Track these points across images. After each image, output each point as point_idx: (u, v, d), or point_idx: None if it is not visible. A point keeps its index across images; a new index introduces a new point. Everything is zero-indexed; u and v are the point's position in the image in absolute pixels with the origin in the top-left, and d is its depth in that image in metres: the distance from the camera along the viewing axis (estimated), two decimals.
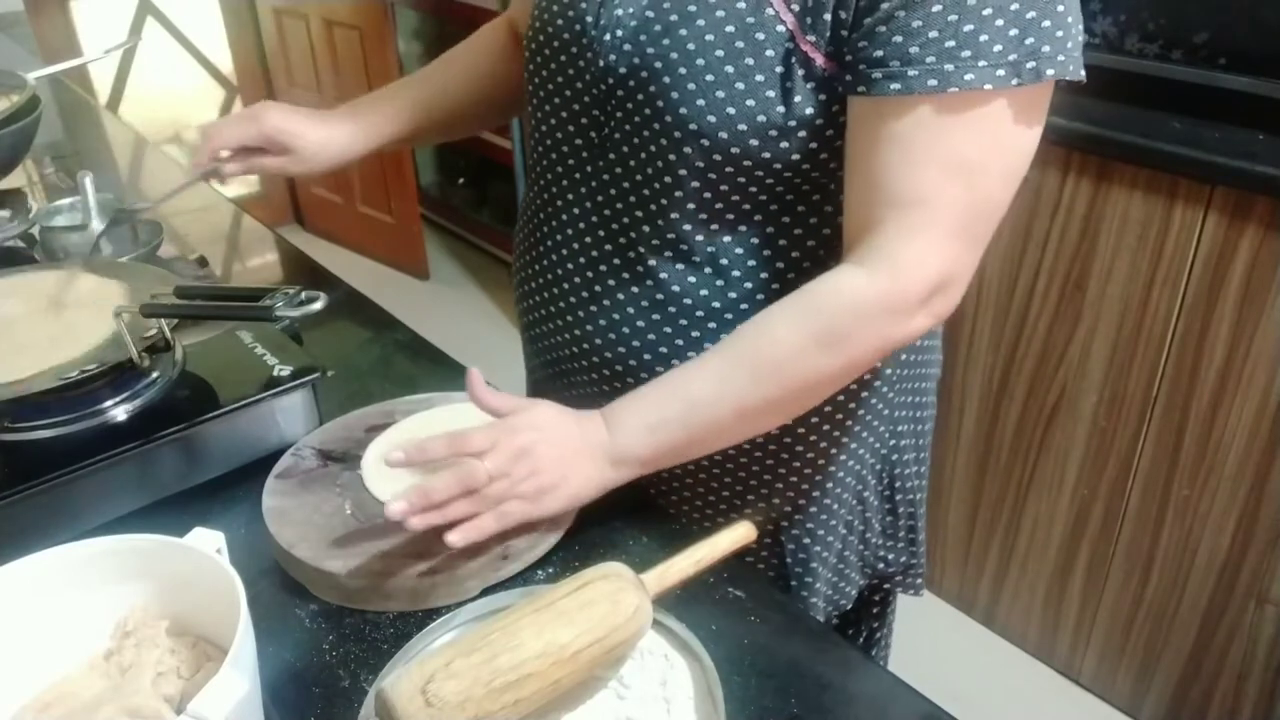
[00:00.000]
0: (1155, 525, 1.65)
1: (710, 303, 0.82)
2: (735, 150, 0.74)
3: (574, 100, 0.83)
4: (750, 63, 0.72)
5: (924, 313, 0.72)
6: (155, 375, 0.86)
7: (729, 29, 0.72)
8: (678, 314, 0.83)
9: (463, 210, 3.69)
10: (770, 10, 0.71)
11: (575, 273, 0.87)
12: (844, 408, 0.87)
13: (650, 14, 0.76)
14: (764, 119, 0.73)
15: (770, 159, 0.75)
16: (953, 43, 0.65)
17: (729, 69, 0.73)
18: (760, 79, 0.72)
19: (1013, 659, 1.95)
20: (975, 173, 0.69)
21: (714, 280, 0.81)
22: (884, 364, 0.87)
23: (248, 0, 3.51)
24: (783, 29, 0.71)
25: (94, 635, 0.63)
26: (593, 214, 0.85)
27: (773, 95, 0.72)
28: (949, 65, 0.65)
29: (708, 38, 0.73)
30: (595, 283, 0.86)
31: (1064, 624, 1.87)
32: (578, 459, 0.76)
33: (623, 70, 0.78)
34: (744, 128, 0.73)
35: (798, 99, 0.72)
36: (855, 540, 0.95)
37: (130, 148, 1.79)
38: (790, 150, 0.74)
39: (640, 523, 0.80)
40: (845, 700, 0.67)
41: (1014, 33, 0.65)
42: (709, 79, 0.73)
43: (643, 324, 0.84)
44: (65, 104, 1.98)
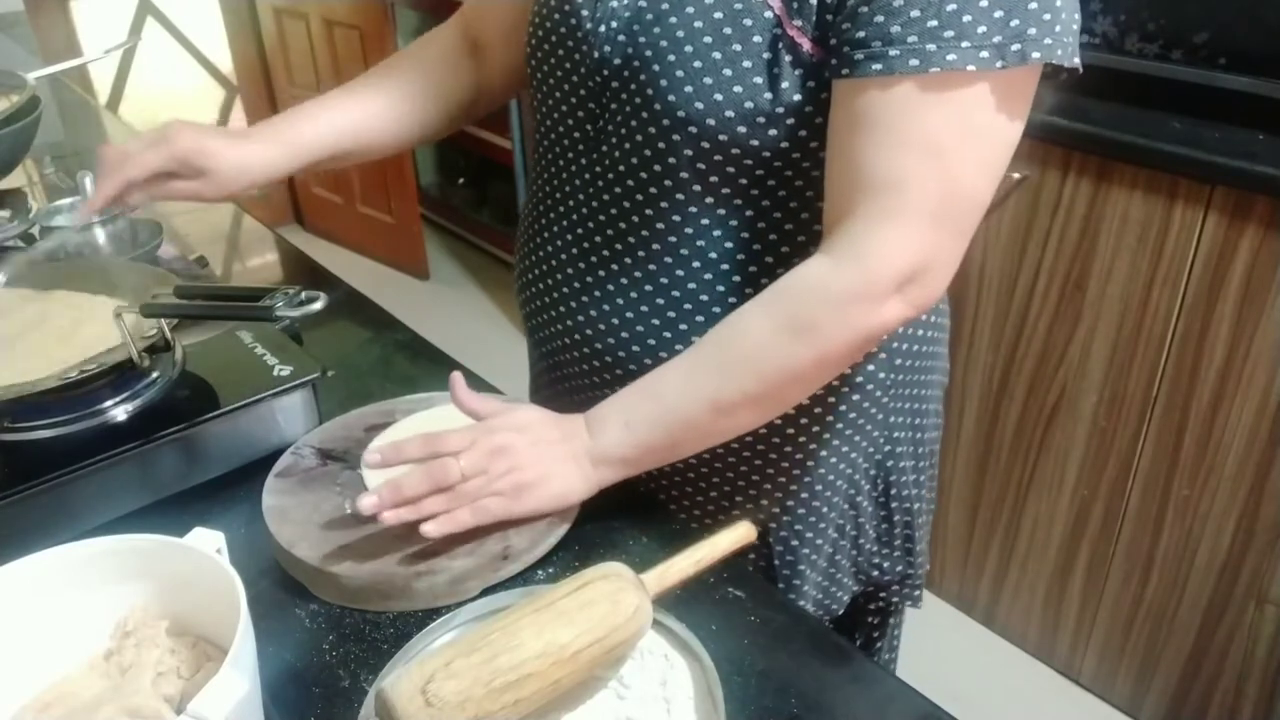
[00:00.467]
0: (1155, 525, 1.65)
1: (699, 296, 0.82)
2: (724, 138, 0.74)
3: (571, 94, 0.83)
4: (737, 49, 0.72)
5: (898, 301, 0.71)
6: (155, 375, 0.86)
7: (717, 15, 0.72)
8: (667, 307, 0.83)
9: (463, 210, 3.69)
10: None
11: (570, 265, 0.87)
12: (834, 409, 0.87)
13: (643, 4, 0.76)
14: (751, 106, 0.72)
15: (759, 147, 0.74)
16: (935, 22, 0.64)
17: (716, 56, 0.72)
18: (747, 65, 0.72)
19: (1013, 659, 1.95)
20: (951, 157, 0.67)
21: (703, 274, 0.81)
22: (875, 367, 0.87)
23: (248, 0, 3.51)
24: (770, 15, 0.71)
25: (94, 635, 0.63)
26: (588, 207, 0.85)
27: (760, 82, 0.72)
28: (931, 45, 0.64)
29: (696, 25, 0.73)
30: (589, 275, 0.86)
31: (1064, 624, 1.87)
32: (558, 459, 0.76)
33: (616, 61, 0.78)
34: (731, 114, 0.73)
35: (785, 85, 0.71)
36: (847, 545, 0.95)
37: None
38: (779, 138, 0.74)
39: (640, 523, 0.80)
40: (845, 700, 0.67)
41: (999, 14, 0.64)
42: (697, 65, 0.73)
43: (633, 317, 0.84)
44: (65, 104, 1.98)
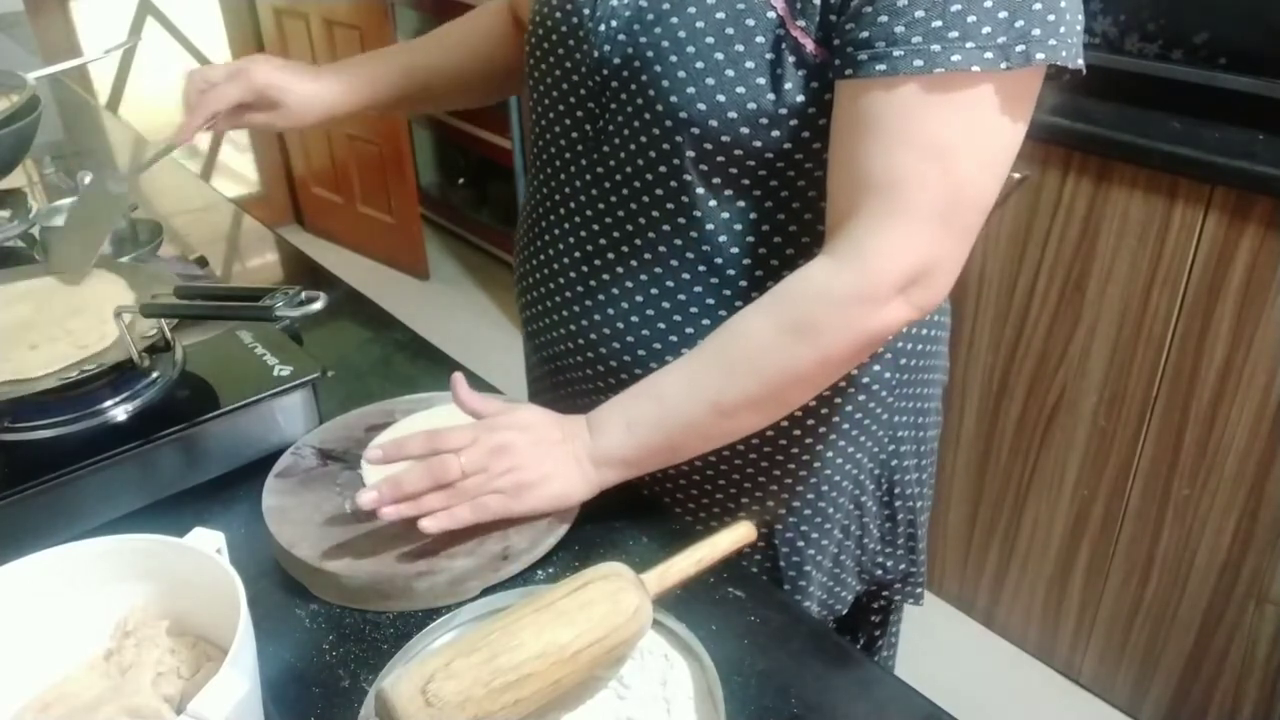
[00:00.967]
0: (1155, 525, 1.65)
1: (702, 298, 0.81)
2: (726, 139, 0.74)
3: (571, 93, 0.83)
4: (740, 49, 0.71)
5: (901, 302, 0.70)
6: (155, 375, 0.86)
7: (719, 15, 0.72)
8: (672, 309, 0.83)
9: (463, 210, 3.69)
10: None
11: (571, 267, 0.87)
12: (839, 409, 0.87)
13: (644, 3, 0.76)
14: (754, 106, 0.72)
15: (761, 148, 0.74)
16: (939, 23, 0.64)
17: (719, 56, 0.72)
18: (750, 66, 0.71)
19: (1013, 659, 1.95)
20: (954, 157, 0.67)
21: (705, 276, 0.81)
22: (880, 367, 0.87)
23: (248, 0, 3.51)
24: (773, 15, 0.70)
25: (94, 635, 0.63)
26: (589, 208, 0.85)
27: (763, 82, 0.72)
28: (935, 46, 0.64)
29: (698, 25, 0.73)
30: (590, 277, 0.86)
31: (1064, 624, 1.87)
32: (560, 459, 0.76)
33: (617, 61, 0.78)
34: (734, 115, 0.73)
35: (788, 86, 0.71)
36: (852, 545, 0.95)
37: (130, 148, 1.79)
38: (781, 139, 0.74)
39: (640, 523, 0.80)
40: (845, 700, 0.67)
41: (1003, 14, 0.64)
42: (699, 66, 0.73)
43: (637, 319, 0.84)
44: (65, 104, 1.98)
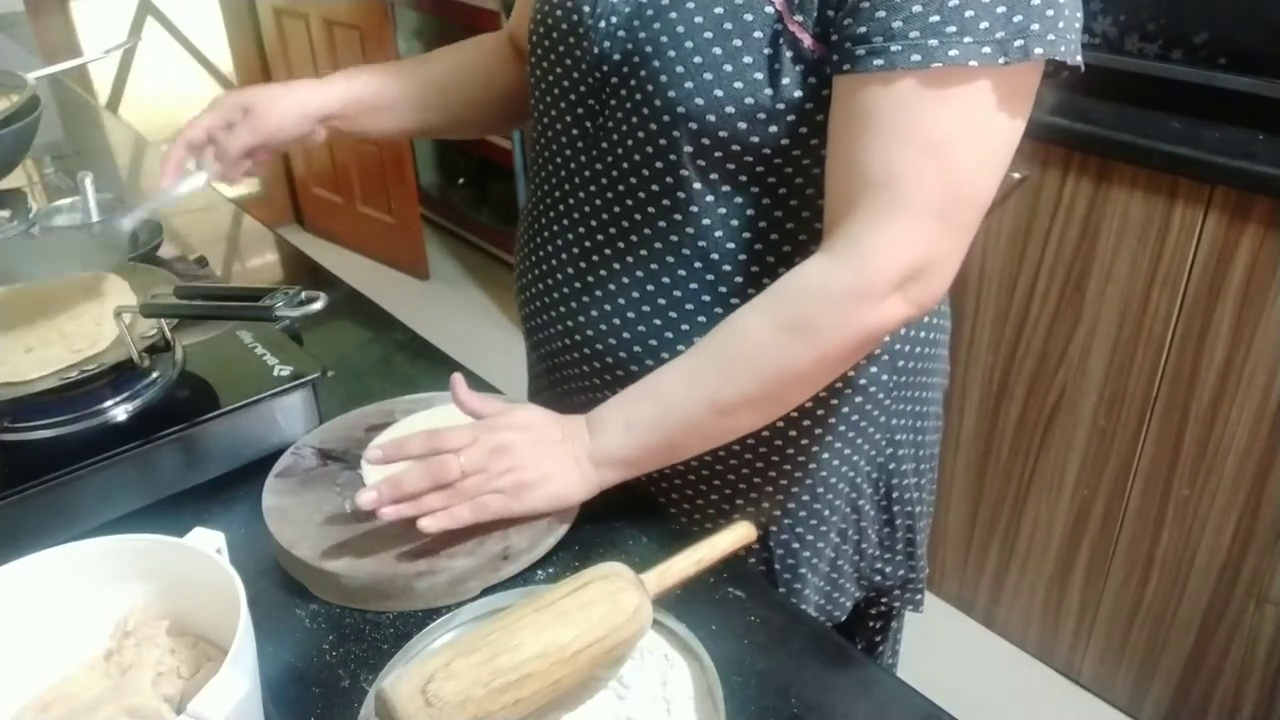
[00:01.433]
0: (1155, 525, 1.65)
1: (700, 295, 0.81)
2: (724, 134, 0.74)
3: (571, 91, 0.83)
4: (738, 44, 0.71)
5: (899, 299, 0.70)
6: (155, 375, 0.86)
7: (718, 11, 0.72)
8: (668, 306, 0.82)
9: (463, 210, 3.69)
10: None
11: (569, 264, 0.87)
12: (835, 410, 0.86)
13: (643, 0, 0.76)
14: (751, 101, 0.72)
15: (759, 143, 0.74)
16: (937, 18, 0.64)
17: (717, 51, 0.72)
18: (748, 61, 0.71)
19: (1013, 659, 1.95)
20: (952, 153, 0.67)
21: (704, 273, 0.81)
22: (877, 369, 0.86)
23: (248, 0, 3.51)
24: (771, 10, 0.70)
25: (94, 635, 0.63)
26: (587, 205, 0.84)
27: (760, 78, 0.71)
28: (933, 40, 0.64)
29: (697, 20, 0.73)
30: (588, 274, 0.86)
31: (1064, 624, 1.87)
32: (559, 459, 0.76)
33: (616, 57, 0.78)
34: (731, 110, 0.73)
35: (785, 81, 0.71)
36: (850, 550, 0.95)
37: (130, 148, 1.79)
38: (779, 135, 0.73)
39: (640, 523, 0.80)
40: (845, 700, 0.67)
41: (1001, 9, 0.64)
42: (697, 61, 0.73)
43: (634, 317, 0.84)
44: (65, 104, 1.98)
